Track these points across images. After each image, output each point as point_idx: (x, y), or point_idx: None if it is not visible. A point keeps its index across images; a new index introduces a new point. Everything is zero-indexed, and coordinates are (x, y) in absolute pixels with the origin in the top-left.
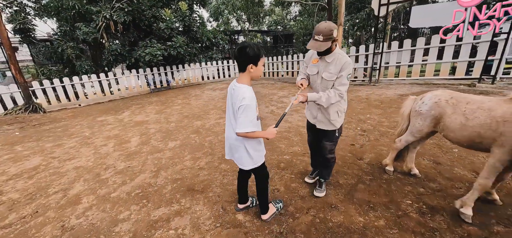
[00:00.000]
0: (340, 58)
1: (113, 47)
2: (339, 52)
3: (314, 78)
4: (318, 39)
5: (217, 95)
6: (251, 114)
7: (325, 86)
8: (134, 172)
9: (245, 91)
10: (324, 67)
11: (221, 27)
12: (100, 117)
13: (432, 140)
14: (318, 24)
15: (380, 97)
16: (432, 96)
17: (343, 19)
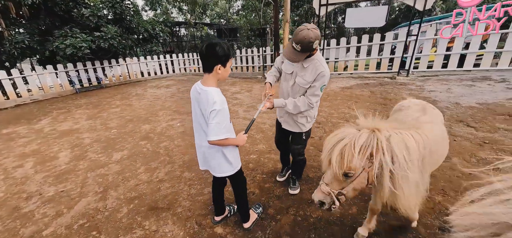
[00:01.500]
0: (317, 67)
1: (17, 37)
2: (319, 59)
3: (287, 77)
4: (295, 48)
5: (163, 93)
6: (224, 119)
7: (296, 91)
8: (71, 197)
9: (215, 95)
10: (299, 71)
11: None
12: (6, 128)
13: None
14: (298, 29)
15: (325, 90)
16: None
17: (289, 15)
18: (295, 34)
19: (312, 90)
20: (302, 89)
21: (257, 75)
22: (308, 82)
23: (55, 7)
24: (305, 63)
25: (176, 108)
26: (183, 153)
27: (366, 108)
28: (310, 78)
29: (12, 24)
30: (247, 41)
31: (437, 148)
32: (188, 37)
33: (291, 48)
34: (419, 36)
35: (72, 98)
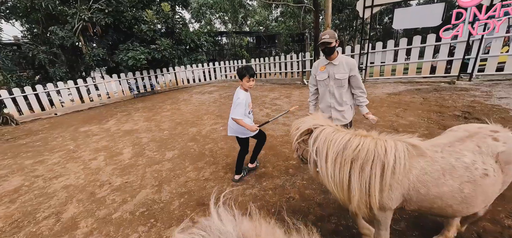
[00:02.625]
0: (345, 60)
1: (95, 51)
2: (342, 55)
3: (325, 82)
4: (327, 38)
5: (206, 99)
6: (241, 109)
7: (339, 85)
8: (133, 188)
9: (240, 93)
10: (334, 70)
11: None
12: (83, 127)
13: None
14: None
15: (369, 96)
16: None
17: (330, 20)
18: (320, 35)
19: (354, 79)
20: (344, 81)
21: (296, 81)
22: (346, 72)
23: (120, 25)
24: (335, 62)
25: (219, 113)
26: (226, 155)
27: (418, 116)
28: (345, 69)
29: (88, 41)
30: (286, 47)
31: (426, 179)
32: (229, 45)
33: (324, 39)
34: (486, 34)
35: (131, 103)
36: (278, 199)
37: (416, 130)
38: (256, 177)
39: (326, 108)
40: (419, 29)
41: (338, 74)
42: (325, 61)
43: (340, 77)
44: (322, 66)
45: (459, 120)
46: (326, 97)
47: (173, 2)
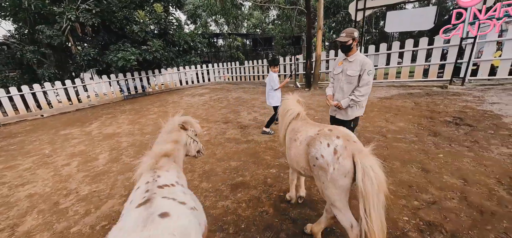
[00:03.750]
0: (360, 59)
1: (86, 51)
2: (360, 54)
3: (338, 77)
4: (343, 36)
5: (196, 101)
6: (275, 83)
7: (349, 81)
8: (100, 198)
9: (273, 75)
10: (348, 66)
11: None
12: (64, 130)
13: (417, 145)
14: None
15: None
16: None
17: (322, 23)
18: (342, 32)
19: (361, 78)
20: (354, 78)
21: (289, 84)
22: (357, 71)
23: (112, 25)
24: (351, 58)
25: (206, 116)
26: (204, 162)
27: (408, 122)
28: (357, 67)
29: (78, 41)
30: (282, 50)
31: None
32: (225, 47)
33: (340, 37)
34: (478, 38)
35: (120, 104)
36: (251, 213)
37: (405, 136)
38: (232, 187)
39: (335, 100)
40: (414, 33)
41: (350, 71)
42: (343, 57)
43: (351, 74)
44: (340, 61)
45: (450, 126)
46: (337, 91)
47: (166, 3)
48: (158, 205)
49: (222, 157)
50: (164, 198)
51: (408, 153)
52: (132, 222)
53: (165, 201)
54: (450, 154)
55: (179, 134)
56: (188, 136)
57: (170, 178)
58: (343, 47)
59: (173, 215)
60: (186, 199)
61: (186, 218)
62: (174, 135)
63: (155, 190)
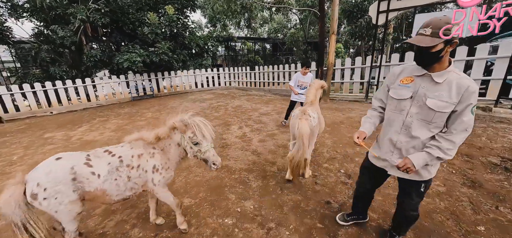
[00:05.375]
0: (459, 81)
1: (92, 52)
2: (457, 71)
3: (402, 104)
4: (423, 33)
5: (194, 107)
6: (292, 82)
7: (427, 118)
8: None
9: (296, 74)
10: (429, 89)
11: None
12: (51, 132)
13: (444, 203)
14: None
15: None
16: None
17: (336, 27)
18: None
19: (460, 119)
20: (439, 116)
21: None
22: (450, 104)
23: (124, 27)
24: (438, 77)
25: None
26: None
27: None
28: (453, 97)
29: (91, 41)
30: (304, 55)
31: None
32: (243, 51)
33: (417, 36)
34: None
35: (123, 106)
36: None
37: None
38: None
39: (386, 145)
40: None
41: (435, 99)
42: (416, 69)
43: (435, 106)
44: (408, 76)
45: (496, 173)
46: (393, 128)
47: (180, 5)
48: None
49: (178, 190)
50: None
51: (429, 216)
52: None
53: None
54: (497, 225)
55: (166, 132)
56: (183, 138)
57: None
58: (424, 54)
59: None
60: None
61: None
62: (160, 131)
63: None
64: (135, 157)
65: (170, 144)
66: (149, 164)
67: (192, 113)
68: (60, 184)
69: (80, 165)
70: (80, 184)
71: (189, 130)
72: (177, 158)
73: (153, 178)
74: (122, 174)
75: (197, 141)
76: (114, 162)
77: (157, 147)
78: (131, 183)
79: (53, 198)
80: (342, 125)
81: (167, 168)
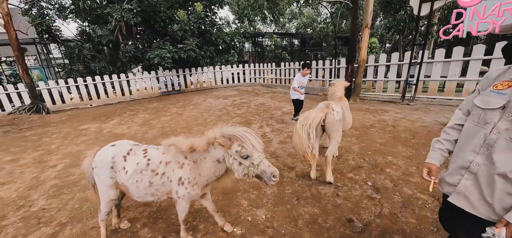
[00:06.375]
0: None
1: (126, 48)
2: None
3: (488, 116)
4: None
5: (217, 104)
6: (295, 83)
7: None
8: (40, 220)
9: (297, 75)
10: None
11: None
12: (86, 124)
13: None
14: None
15: (413, 125)
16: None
17: (370, 19)
18: None
19: None
20: None
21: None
22: None
23: (156, 25)
24: None
25: (212, 126)
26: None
27: None
28: None
29: (126, 39)
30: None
31: None
32: (270, 47)
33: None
34: None
35: (152, 101)
36: None
37: None
38: None
39: (456, 172)
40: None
41: None
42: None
43: None
44: (507, 80)
45: None
46: (470, 146)
47: (208, 2)
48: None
49: None
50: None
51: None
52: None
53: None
54: None
55: (203, 145)
56: (228, 155)
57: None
58: None
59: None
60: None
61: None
62: (197, 142)
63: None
64: (162, 164)
65: (206, 159)
66: (175, 174)
67: (232, 123)
68: (102, 168)
69: (119, 156)
70: (115, 173)
71: (235, 142)
72: (211, 175)
73: (178, 190)
74: (144, 178)
75: (247, 153)
76: (141, 163)
77: (189, 158)
78: (153, 189)
79: (97, 176)
80: (373, 129)
81: (195, 184)
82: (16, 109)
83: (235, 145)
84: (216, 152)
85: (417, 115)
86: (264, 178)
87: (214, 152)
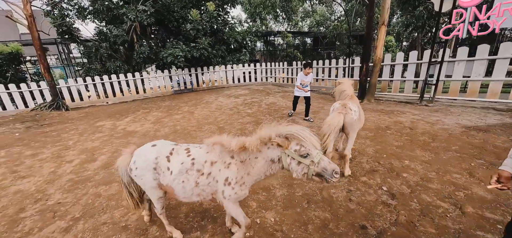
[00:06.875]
0: None
1: (141, 48)
2: None
3: None
4: None
5: (227, 103)
6: (297, 81)
7: None
8: (56, 214)
9: (299, 74)
10: None
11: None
12: (102, 121)
13: None
14: None
15: (432, 127)
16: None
17: (387, 17)
18: None
19: None
20: None
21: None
22: None
23: (169, 24)
24: None
25: (222, 125)
26: None
27: None
28: None
29: (140, 39)
30: (348, 50)
31: None
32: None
33: None
34: None
35: (164, 99)
36: None
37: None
38: None
39: None
40: None
41: None
42: None
43: None
44: None
45: None
46: None
47: (221, 1)
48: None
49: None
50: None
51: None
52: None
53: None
54: None
55: (256, 143)
56: (285, 155)
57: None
58: None
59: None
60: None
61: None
62: (248, 141)
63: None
64: (207, 163)
65: (257, 158)
66: (221, 174)
67: (287, 123)
68: (144, 169)
69: (162, 157)
70: (158, 175)
71: (293, 141)
72: (260, 175)
73: (224, 190)
74: (190, 178)
75: (307, 152)
76: (186, 163)
77: (236, 157)
78: (198, 189)
79: (139, 178)
80: (388, 131)
81: (243, 184)
82: (38, 106)
83: (293, 144)
84: (271, 152)
85: (437, 117)
86: (325, 176)
87: (268, 152)
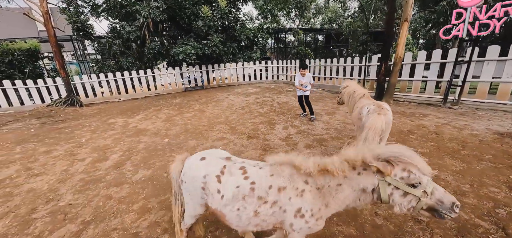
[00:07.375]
0: None
1: (152, 45)
2: None
3: None
4: None
5: (239, 102)
6: (295, 81)
7: None
8: (67, 216)
9: (297, 75)
10: None
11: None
12: (114, 118)
13: None
14: None
15: (460, 133)
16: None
17: (410, 12)
18: None
19: None
20: None
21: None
22: None
23: (181, 21)
24: None
25: (234, 125)
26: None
27: None
28: None
29: (153, 35)
30: (361, 47)
31: None
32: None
33: None
34: None
35: (175, 96)
36: None
37: None
38: None
39: None
40: None
41: None
42: None
43: None
44: None
45: None
46: None
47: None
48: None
49: None
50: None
51: None
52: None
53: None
54: None
55: (343, 167)
56: (386, 183)
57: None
58: None
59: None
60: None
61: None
62: (330, 164)
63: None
64: (273, 190)
65: (340, 185)
66: (292, 204)
67: (386, 143)
68: (192, 186)
69: (212, 176)
70: (206, 195)
71: (398, 166)
72: (342, 206)
73: (293, 223)
74: (248, 206)
75: (419, 180)
76: (243, 188)
77: (311, 183)
78: (258, 219)
79: (186, 192)
80: (411, 135)
81: (320, 217)
82: (53, 101)
83: (399, 170)
84: (363, 179)
85: (464, 121)
86: (440, 211)
87: (358, 178)
